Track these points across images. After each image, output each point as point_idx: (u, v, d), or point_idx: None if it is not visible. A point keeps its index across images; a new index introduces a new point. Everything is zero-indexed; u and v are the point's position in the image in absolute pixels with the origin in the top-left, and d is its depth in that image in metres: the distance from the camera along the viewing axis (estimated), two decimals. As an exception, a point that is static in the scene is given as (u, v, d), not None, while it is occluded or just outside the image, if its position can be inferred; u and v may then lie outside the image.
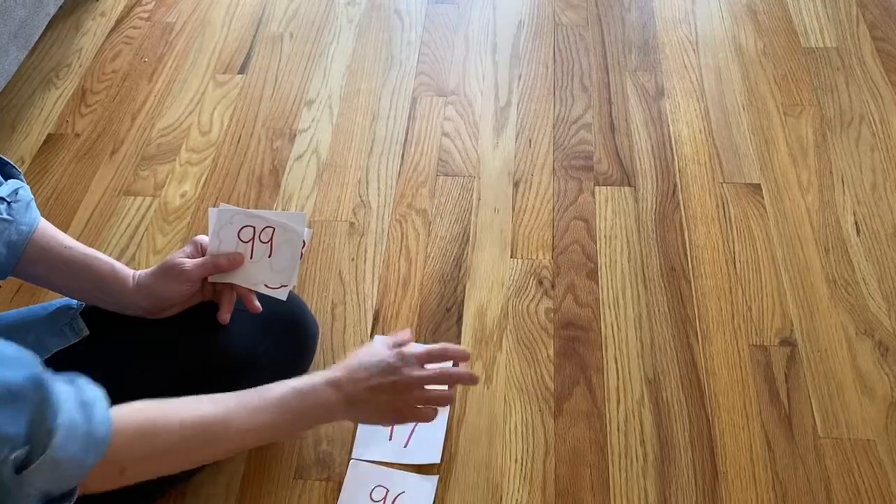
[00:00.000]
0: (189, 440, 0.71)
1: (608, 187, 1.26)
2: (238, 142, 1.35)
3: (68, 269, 0.85)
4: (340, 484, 0.94)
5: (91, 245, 1.18)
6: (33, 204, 0.85)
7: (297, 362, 0.96)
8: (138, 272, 0.87)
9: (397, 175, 1.29)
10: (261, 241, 0.88)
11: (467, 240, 1.20)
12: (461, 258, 1.17)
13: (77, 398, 0.59)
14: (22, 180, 0.85)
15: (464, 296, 1.12)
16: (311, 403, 0.79)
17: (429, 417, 0.85)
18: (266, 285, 0.87)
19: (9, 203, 0.82)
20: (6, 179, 0.83)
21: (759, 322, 1.08)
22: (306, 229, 0.89)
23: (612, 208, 1.23)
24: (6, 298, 1.14)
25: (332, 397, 0.80)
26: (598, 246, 1.18)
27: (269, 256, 0.88)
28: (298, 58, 1.50)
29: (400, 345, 0.86)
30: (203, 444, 0.72)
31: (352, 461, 0.96)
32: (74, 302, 0.90)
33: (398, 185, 1.28)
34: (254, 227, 0.88)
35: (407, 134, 1.36)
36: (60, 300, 0.92)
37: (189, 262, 0.85)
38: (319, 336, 1.00)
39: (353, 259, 1.17)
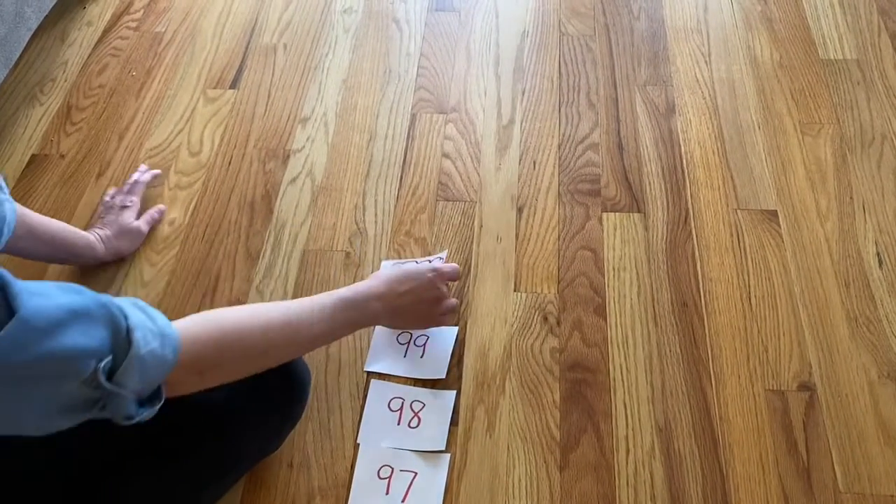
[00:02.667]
0: (256, 344, 0.78)
1: (616, 214, 1.20)
2: (229, 164, 1.29)
3: (50, 244, 1.05)
4: (335, 541, 0.90)
5: (76, 276, 1.14)
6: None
7: (286, 418, 0.90)
8: (100, 235, 1.13)
9: (395, 200, 1.24)
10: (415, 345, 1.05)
11: (468, 271, 1.14)
12: (462, 291, 1.12)
13: (137, 306, 0.67)
14: None
15: (464, 333, 1.07)
16: (361, 314, 0.92)
17: (453, 321, 1.06)
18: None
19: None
20: None
21: (776, 364, 1.02)
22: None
23: (621, 237, 1.17)
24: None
25: (378, 310, 0.94)
26: (606, 278, 1.12)
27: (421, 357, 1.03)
28: (292, 71, 1.44)
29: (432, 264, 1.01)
30: (268, 348, 0.80)
31: (346, 518, 0.91)
32: None
33: (396, 211, 1.22)
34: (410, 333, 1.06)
35: (405, 155, 1.30)
36: None
37: (145, 225, 1.18)
38: (311, 384, 0.93)
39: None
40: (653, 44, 1.46)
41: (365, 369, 1.04)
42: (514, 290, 1.11)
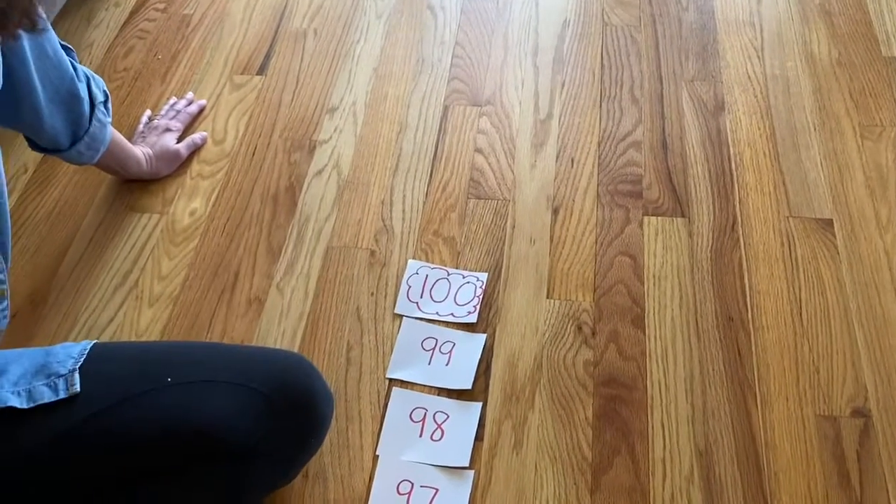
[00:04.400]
0: None
1: (659, 218, 1.13)
2: (253, 154, 1.25)
3: (116, 157, 1.12)
4: (349, 559, 0.85)
5: (92, 268, 1.11)
6: None
7: (304, 448, 0.84)
8: (146, 153, 1.17)
9: (424, 196, 1.18)
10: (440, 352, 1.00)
11: (499, 275, 1.08)
12: (492, 296, 1.06)
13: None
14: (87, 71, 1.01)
15: (493, 341, 1.01)
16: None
17: None
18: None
19: (105, 105, 1.03)
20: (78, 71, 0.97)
21: (828, 387, 0.95)
22: None
23: (663, 243, 1.10)
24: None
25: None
26: (645, 287, 1.05)
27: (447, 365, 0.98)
28: (322, 58, 1.39)
29: None
30: None
31: (362, 535, 0.86)
32: (76, 350, 0.81)
33: (425, 209, 1.16)
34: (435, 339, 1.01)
35: (436, 149, 1.24)
36: (62, 346, 0.82)
37: (185, 150, 1.22)
38: (334, 410, 0.88)
39: (372, 294, 1.07)
40: (702, 36, 1.38)
41: (387, 376, 0.98)
42: (547, 297, 1.05)
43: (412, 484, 0.90)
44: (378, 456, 0.92)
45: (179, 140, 1.24)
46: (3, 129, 1.01)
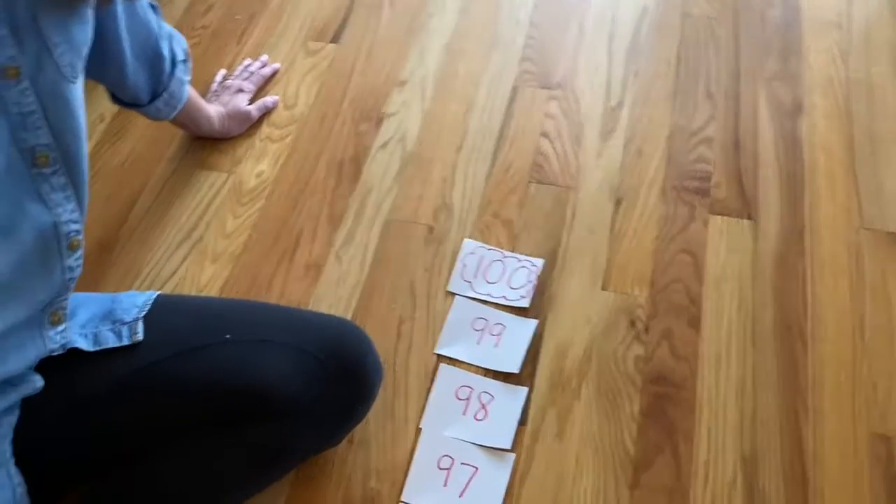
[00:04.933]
0: None
1: (724, 217, 1.11)
2: (322, 121, 1.26)
3: (190, 115, 1.14)
4: (386, 527, 0.87)
5: (159, 220, 1.14)
6: None
7: (350, 415, 0.86)
8: (218, 112, 1.20)
9: (486, 177, 1.18)
10: (490, 333, 1.00)
11: (555, 262, 1.07)
12: (546, 283, 1.05)
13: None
14: (170, 29, 1.03)
15: (543, 328, 1.01)
16: None
17: None
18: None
19: (185, 63, 1.05)
20: (162, 29, 0.99)
21: (885, 406, 0.93)
22: None
23: (727, 244, 1.08)
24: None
25: None
26: (704, 288, 1.04)
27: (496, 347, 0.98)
28: (396, 30, 1.39)
29: None
30: None
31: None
32: (141, 300, 0.84)
33: (486, 189, 1.16)
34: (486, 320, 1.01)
35: (502, 130, 1.23)
36: (127, 295, 0.86)
37: (256, 111, 1.24)
38: (382, 379, 0.89)
39: (427, 270, 1.07)
40: (785, 34, 1.34)
41: (435, 351, 1.00)
42: (602, 289, 1.04)
43: (453, 460, 0.91)
44: (421, 429, 0.93)
45: (251, 102, 1.26)
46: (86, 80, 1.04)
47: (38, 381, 0.78)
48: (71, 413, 0.80)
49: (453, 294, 1.04)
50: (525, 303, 1.03)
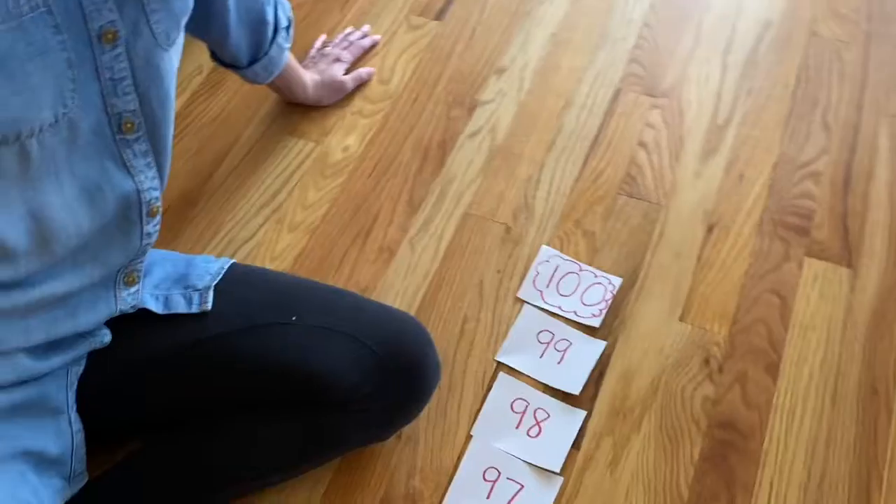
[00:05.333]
0: None
1: (822, 262, 1.04)
2: (415, 101, 1.23)
3: (286, 80, 1.13)
4: (422, 529, 0.86)
5: (243, 182, 1.15)
6: None
7: (403, 413, 0.85)
8: (313, 80, 1.18)
9: (574, 181, 1.13)
10: (555, 348, 0.97)
11: (634, 283, 1.03)
12: (621, 304, 1.01)
13: None
14: None
15: (611, 352, 0.97)
16: None
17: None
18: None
19: (287, 31, 1.05)
20: None
21: (970, 495, 0.86)
22: None
23: (820, 290, 1.01)
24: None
25: None
26: (788, 334, 0.98)
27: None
28: (503, 13, 1.34)
29: None
30: None
31: (441, 509, 0.87)
32: (215, 267, 0.85)
33: (571, 195, 1.12)
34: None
35: (598, 133, 1.18)
36: (203, 259, 0.86)
37: (351, 82, 1.22)
38: (440, 381, 0.87)
39: (499, 271, 1.05)
40: (921, 68, 1.23)
41: (496, 358, 0.97)
42: (680, 319, 1.00)
43: (499, 473, 0.89)
44: (472, 436, 0.92)
45: (347, 72, 1.24)
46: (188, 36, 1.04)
47: (106, 336, 0.79)
48: (131, 372, 0.81)
49: (522, 301, 1.02)
50: (596, 322, 0.99)
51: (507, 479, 0.89)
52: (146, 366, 0.81)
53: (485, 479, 0.89)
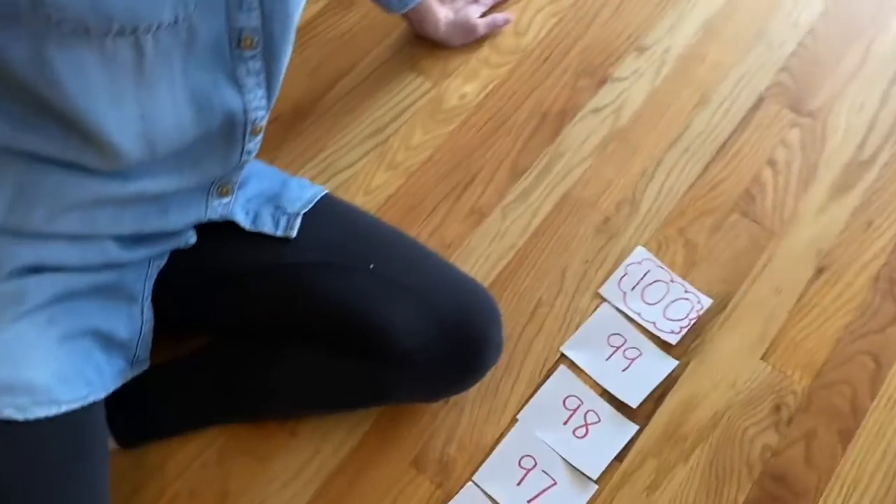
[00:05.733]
0: None
1: (933, 335, 0.96)
2: (544, 61, 1.18)
3: (419, 12, 1.12)
4: (448, 497, 0.86)
5: (355, 107, 1.13)
6: None
7: (457, 383, 0.84)
8: (446, 17, 1.14)
9: (689, 185, 1.07)
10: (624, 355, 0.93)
11: (724, 307, 0.98)
12: (704, 326, 0.97)
13: None
14: None
15: (682, 372, 0.94)
16: None
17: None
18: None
19: None
20: None
21: None
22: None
23: (922, 366, 0.94)
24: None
25: None
26: (874, 404, 0.92)
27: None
28: (659, -13, 1.25)
29: None
30: None
31: (469, 484, 0.87)
32: (308, 195, 0.85)
33: (682, 199, 1.06)
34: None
35: (728, 140, 1.11)
36: (298, 183, 0.87)
37: (484, 27, 1.17)
38: (499, 360, 0.85)
39: (586, 262, 1.01)
40: None
41: (561, 349, 0.95)
42: (762, 358, 0.94)
43: (535, 464, 0.88)
44: (517, 420, 0.91)
45: (484, 16, 1.19)
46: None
47: (191, 238, 0.81)
48: (207, 277, 0.83)
49: (602, 298, 0.98)
50: (673, 339, 0.95)
51: (542, 471, 0.88)
52: (221, 275, 0.83)
53: (520, 465, 0.88)
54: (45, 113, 0.60)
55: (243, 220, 0.81)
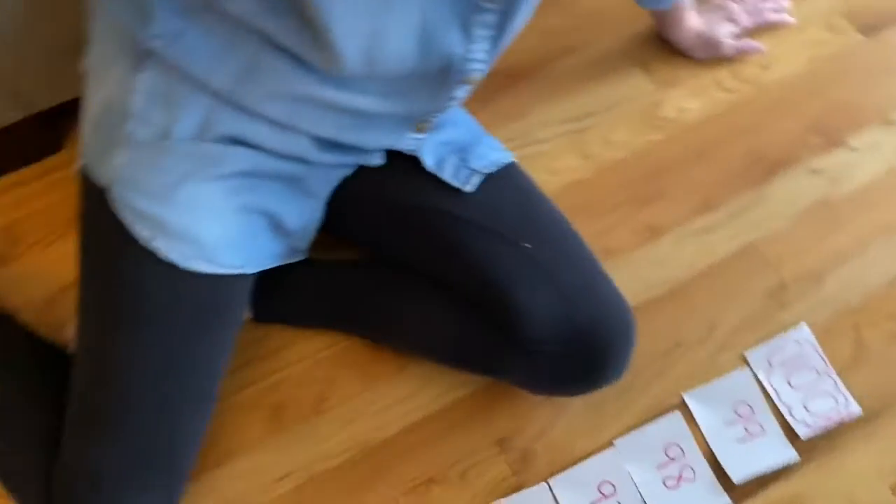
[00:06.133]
0: None
1: None
2: (778, 103, 1.10)
3: (672, 15, 1.09)
4: (519, 486, 0.87)
5: (572, 83, 1.12)
6: None
7: (570, 390, 0.84)
8: (695, 27, 1.10)
9: (885, 283, 0.98)
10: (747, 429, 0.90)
11: (870, 422, 0.90)
12: (840, 432, 0.89)
13: None
14: None
15: (799, 468, 0.87)
16: None
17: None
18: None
19: None
20: None
21: None
22: None
23: None
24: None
25: None
26: None
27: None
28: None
29: None
30: None
31: (543, 483, 0.87)
32: (495, 157, 0.85)
33: (871, 294, 0.97)
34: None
35: (949, 252, 1.00)
36: (489, 143, 0.87)
37: (730, 48, 1.11)
38: (615, 381, 0.83)
39: (742, 319, 0.96)
40: None
41: (684, 395, 0.91)
42: (891, 489, 0.86)
43: (614, 493, 0.86)
44: (613, 445, 0.89)
45: (736, 38, 1.12)
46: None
47: (378, 160, 0.84)
48: (379, 202, 0.86)
49: (745, 362, 0.93)
50: (804, 432, 0.89)
51: (618, 502, 0.86)
52: (390, 202, 0.86)
53: (599, 488, 0.87)
54: (289, 3, 0.63)
55: (428, 161, 0.83)
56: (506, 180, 0.85)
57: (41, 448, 0.76)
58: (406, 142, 0.81)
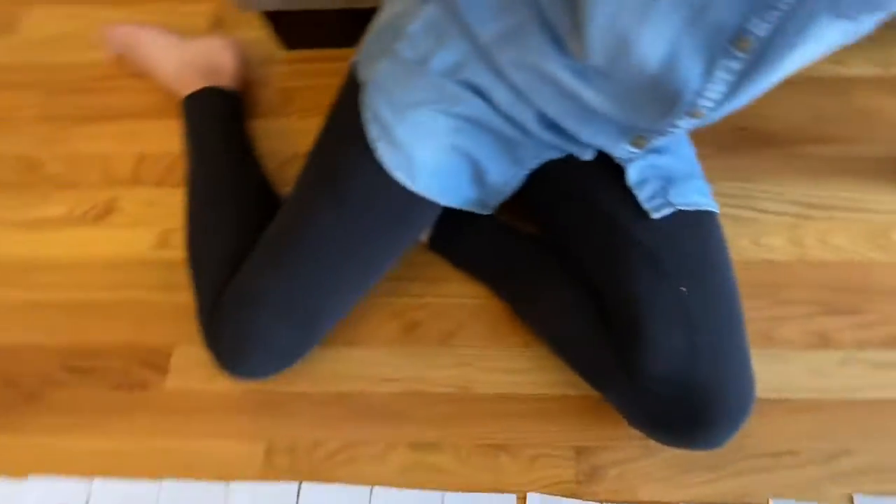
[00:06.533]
0: None
1: None
2: None
3: None
4: (575, 495, 0.91)
5: (807, 173, 1.08)
6: None
7: (666, 432, 0.84)
8: None
9: None
10: None
11: None
12: None
13: None
14: None
15: None
16: None
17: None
18: None
19: None
20: None
21: None
22: None
23: None
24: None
25: None
26: None
27: None
28: None
29: None
30: None
31: (598, 504, 0.90)
32: (696, 199, 0.87)
33: None
34: None
35: None
36: (701, 185, 0.89)
37: None
38: (716, 447, 0.83)
39: (882, 472, 0.90)
40: None
41: (772, 499, 0.89)
42: None
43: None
44: (682, 506, 0.89)
45: None
46: None
47: (588, 155, 0.90)
48: (572, 197, 0.92)
49: (850, 501, 0.88)
50: None
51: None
52: (582, 199, 0.90)
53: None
54: None
55: (632, 175, 0.87)
56: (697, 227, 0.86)
57: (227, 265, 0.93)
58: (619, 150, 0.86)
